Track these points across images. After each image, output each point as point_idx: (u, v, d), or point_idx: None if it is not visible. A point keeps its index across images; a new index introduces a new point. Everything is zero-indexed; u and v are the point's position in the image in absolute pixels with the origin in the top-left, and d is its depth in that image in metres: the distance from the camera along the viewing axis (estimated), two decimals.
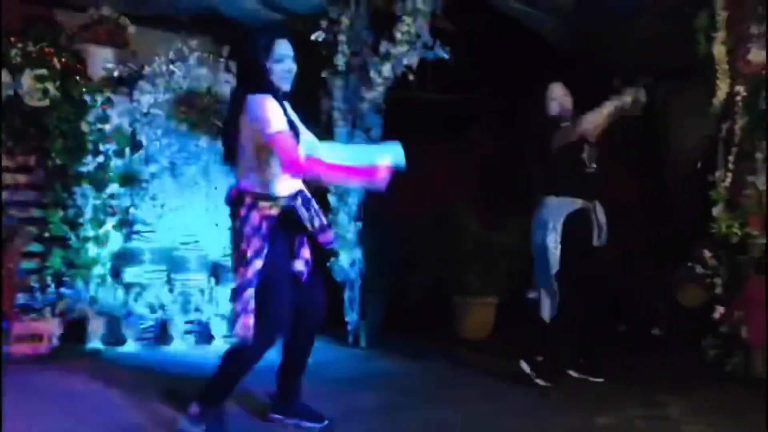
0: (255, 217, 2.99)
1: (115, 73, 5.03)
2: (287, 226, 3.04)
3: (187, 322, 5.07)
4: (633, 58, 4.92)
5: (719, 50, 4.03)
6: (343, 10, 5.06)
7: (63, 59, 4.74)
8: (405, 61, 4.84)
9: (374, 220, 5.18)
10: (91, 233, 4.93)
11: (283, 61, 3.01)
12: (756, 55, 4.01)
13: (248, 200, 3.00)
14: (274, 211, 3.00)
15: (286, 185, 3.04)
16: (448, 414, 3.48)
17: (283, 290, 3.02)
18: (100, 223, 4.97)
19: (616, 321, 5.22)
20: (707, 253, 4.09)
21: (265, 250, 2.96)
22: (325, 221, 3.17)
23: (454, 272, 5.52)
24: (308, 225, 3.05)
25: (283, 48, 3.02)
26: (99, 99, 4.93)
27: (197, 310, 5.07)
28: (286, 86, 3.06)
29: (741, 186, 4.07)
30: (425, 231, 5.71)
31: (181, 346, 4.99)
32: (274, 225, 3.00)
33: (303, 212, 3.05)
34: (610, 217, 4.15)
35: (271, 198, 3.01)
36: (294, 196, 3.05)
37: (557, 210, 4.00)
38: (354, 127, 5.10)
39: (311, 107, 5.11)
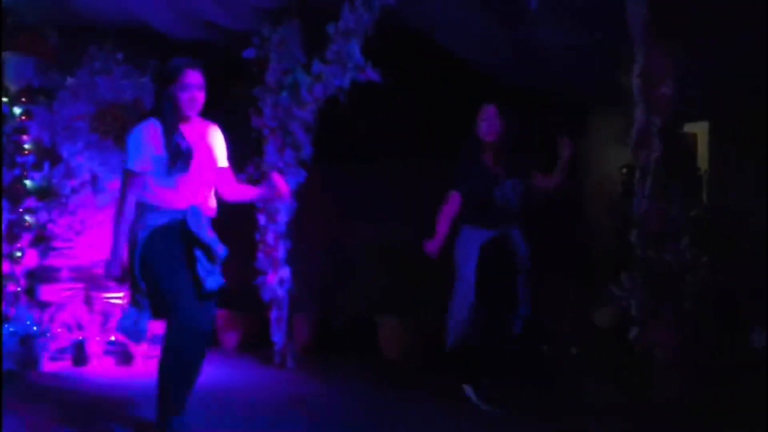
0: (143, 226, 3.11)
1: (36, 84, 4.86)
2: (172, 236, 3.11)
3: (106, 343, 4.90)
4: (556, 87, 5.10)
5: (636, 83, 4.21)
6: (275, 28, 5.05)
7: None
8: (337, 82, 4.86)
9: (303, 239, 5.16)
10: (5, 249, 4.72)
11: (189, 90, 3.15)
12: (670, 88, 4.21)
13: (144, 212, 3.15)
14: (160, 221, 3.11)
15: (177, 197, 3.14)
16: None
17: (183, 298, 3.07)
18: (15, 239, 4.76)
19: (537, 341, 5.33)
20: (624, 277, 4.24)
21: (146, 258, 3.09)
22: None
23: (378, 293, 5.53)
24: (200, 236, 3.11)
25: (191, 77, 3.16)
26: (17, 110, 4.75)
27: (117, 329, 4.91)
28: (190, 112, 3.20)
29: (656, 213, 4.24)
30: (352, 251, 5.71)
31: (99, 367, 4.81)
32: (156, 234, 3.09)
33: (194, 224, 3.11)
34: (530, 240, 4.23)
35: (159, 208, 3.13)
36: (185, 210, 3.13)
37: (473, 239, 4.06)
38: (284, 146, 5.07)
39: (241, 124, 5.07)
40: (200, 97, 3.19)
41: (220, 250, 3.17)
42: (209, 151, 3.27)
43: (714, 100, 5.09)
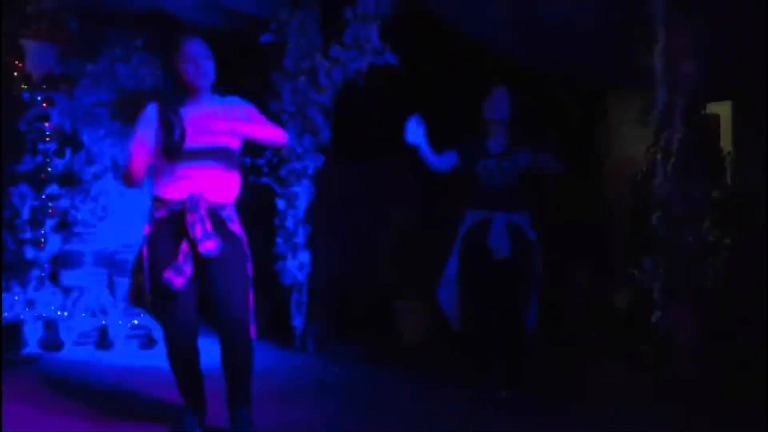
0: (151, 219, 2.99)
1: (57, 71, 4.90)
2: (172, 230, 2.93)
3: (129, 327, 4.97)
4: (574, 68, 5.03)
5: (657, 62, 4.15)
6: (293, 13, 5.04)
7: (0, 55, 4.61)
8: (355, 66, 4.85)
9: (323, 224, 5.17)
10: (28, 235, 4.79)
11: (192, 60, 2.96)
12: (693, 68, 4.15)
13: (151, 203, 3.02)
14: (160, 214, 2.96)
15: (175, 187, 2.95)
16: (391, 427, 3.46)
17: (163, 292, 2.91)
18: (39, 225, 4.83)
19: (557, 327, 5.31)
20: (645, 259, 4.20)
21: (146, 254, 2.95)
22: (210, 229, 2.91)
23: (398, 277, 5.54)
24: (189, 230, 2.88)
25: (192, 47, 2.98)
26: (39, 97, 4.79)
27: (140, 314, 4.97)
28: (202, 83, 3.00)
29: (678, 194, 4.19)
30: (371, 235, 5.72)
31: (122, 350, 4.88)
32: (159, 229, 2.95)
33: (188, 216, 2.89)
34: (548, 225, 4.19)
35: (160, 200, 2.97)
36: (183, 200, 2.91)
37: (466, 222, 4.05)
38: (302, 131, 5.08)
39: (259, 110, 5.08)
40: (208, 66, 2.98)
41: (209, 246, 2.88)
42: (214, 132, 2.94)
43: (737, 80, 5.00)
